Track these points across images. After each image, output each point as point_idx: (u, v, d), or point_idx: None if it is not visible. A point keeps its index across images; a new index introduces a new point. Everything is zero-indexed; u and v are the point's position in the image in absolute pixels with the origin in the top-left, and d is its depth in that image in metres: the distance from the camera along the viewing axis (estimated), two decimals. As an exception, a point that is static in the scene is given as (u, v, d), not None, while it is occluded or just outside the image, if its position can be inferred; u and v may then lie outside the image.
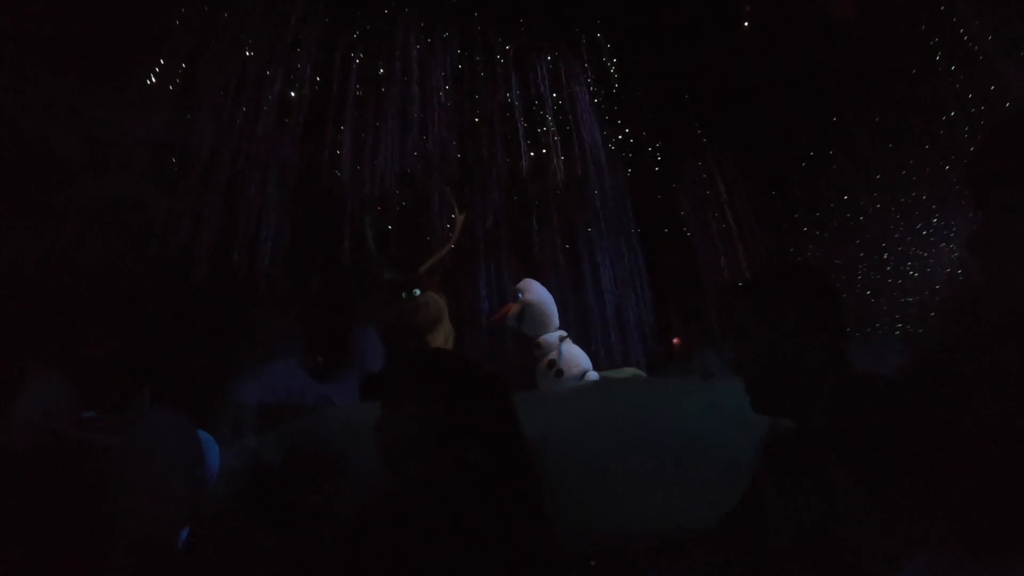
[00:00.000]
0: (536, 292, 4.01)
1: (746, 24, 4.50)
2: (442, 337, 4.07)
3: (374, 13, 4.60)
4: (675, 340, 5.14)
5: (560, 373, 3.79)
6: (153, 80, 4.25)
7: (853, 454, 1.33)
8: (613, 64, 4.71)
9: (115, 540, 2.57)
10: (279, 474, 2.90)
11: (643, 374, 4.19)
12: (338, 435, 2.86)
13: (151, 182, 4.29)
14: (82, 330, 3.76)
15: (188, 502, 2.64)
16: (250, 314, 4.63)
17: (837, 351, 1.48)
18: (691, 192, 4.95)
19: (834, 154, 4.44)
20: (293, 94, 4.60)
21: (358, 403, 4.01)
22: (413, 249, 4.27)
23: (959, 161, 3.98)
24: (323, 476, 2.79)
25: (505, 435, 1.68)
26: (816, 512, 1.36)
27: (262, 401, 4.31)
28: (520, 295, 3.99)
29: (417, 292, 3.82)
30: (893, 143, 4.31)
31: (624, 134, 4.81)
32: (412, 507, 1.52)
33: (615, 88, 4.72)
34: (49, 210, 3.87)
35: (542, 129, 4.87)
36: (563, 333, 3.94)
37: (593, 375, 3.83)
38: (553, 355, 3.84)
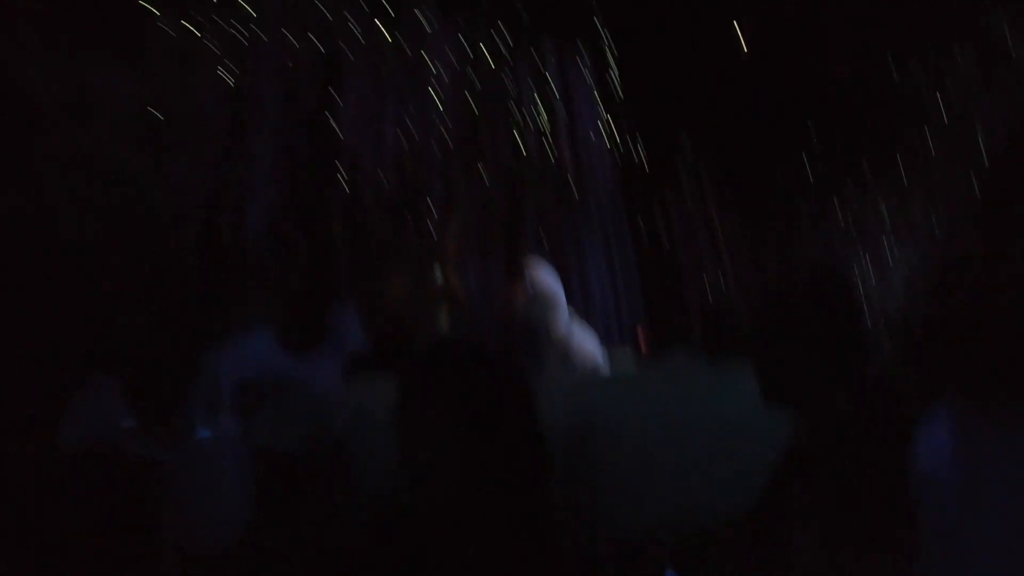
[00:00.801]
0: (545, 277, 3.98)
1: (744, 51, 4.73)
2: (446, 323, 4.01)
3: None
4: (639, 330, 5.09)
5: (570, 360, 3.78)
6: (147, 35, 4.01)
7: (869, 450, 1.39)
8: (615, 71, 4.83)
9: (166, 557, 2.40)
10: (291, 462, 2.73)
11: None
12: (350, 422, 2.74)
13: (137, 142, 4.03)
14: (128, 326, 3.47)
15: (240, 523, 2.48)
16: (228, 283, 4.39)
17: (852, 348, 1.55)
18: (678, 197, 5.11)
19: (822, 191, 4.72)
20: (291, 64, 4.45)
21: (343, 383, 3.86)
22: (419, 231, 4.20)
23: (947, 202, 4.32)
24: (335, 464, 2.66)
25: (528, 425, 1.68)
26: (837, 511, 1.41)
27: (240, 377, 4.06)
28: (528, 281, 3.95)
29: (440, 279, 3.77)
30: (883, 190, 4.64)
31: (620, 137, 4.92)
32: (430, 499, 1.51)
33: (615, 93, 4.84)
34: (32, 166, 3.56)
35: (532, 127, 4.91)
36: (574, 319, 3.92)
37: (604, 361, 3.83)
38: (565, 341, 3.82)
